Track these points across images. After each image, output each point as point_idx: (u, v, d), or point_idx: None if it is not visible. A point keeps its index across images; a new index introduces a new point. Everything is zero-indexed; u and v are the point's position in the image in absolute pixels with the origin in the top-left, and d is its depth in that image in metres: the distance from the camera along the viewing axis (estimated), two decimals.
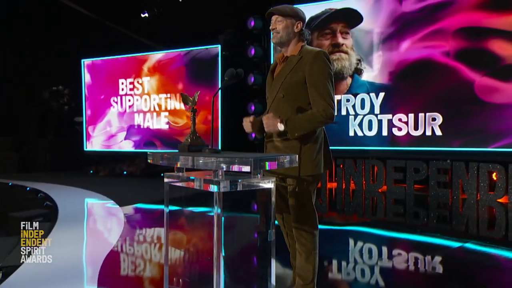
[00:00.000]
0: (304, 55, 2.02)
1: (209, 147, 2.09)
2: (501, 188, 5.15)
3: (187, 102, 2.15)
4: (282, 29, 2.05)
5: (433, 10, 5.77)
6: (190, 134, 2.11)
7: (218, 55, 7.70)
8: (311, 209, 2.08)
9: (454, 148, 5.64)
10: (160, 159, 2.09)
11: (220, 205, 1.68)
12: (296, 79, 2.00)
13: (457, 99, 5.60)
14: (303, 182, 2.04)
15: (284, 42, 2.07)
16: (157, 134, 8.45)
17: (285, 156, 1.74)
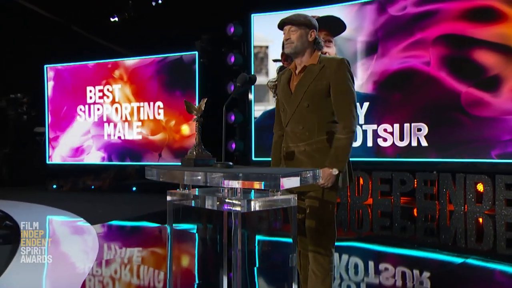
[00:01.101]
0: (325, 63, 2.04)
1: (213, 160, 1.97)
2: (489, 200, 5.23)
3: (191, 110, 1.99)
4: (297, 39, 2.04)
5: (417, 20, 5.88)
6: (195, 147, 1.95)
7: (195, 62, 7.53)
8: (332, 228, 2.02)
9: (440, 159, 5.72)
10: (161, 176, 1.92)
11: (240, 227, 1.53)
12: (321, 87, 2.00)
13: (443, 109, 5.70)
14: (327, 196, 1.98)
15: (298, 52, 2.06)
16: (129, 145, 8.13)
17: (309, 171, 1.62)
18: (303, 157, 2.04)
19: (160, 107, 7.84)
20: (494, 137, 5.31)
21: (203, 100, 1.97)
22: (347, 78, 2.00)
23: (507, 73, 5.24)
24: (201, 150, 1.97)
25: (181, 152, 7.62)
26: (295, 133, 2.07)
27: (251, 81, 1.99)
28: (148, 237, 4.76)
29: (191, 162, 1.92)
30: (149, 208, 6.18)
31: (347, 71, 2.01)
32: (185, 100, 2.04)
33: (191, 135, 7.57)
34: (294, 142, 2.07)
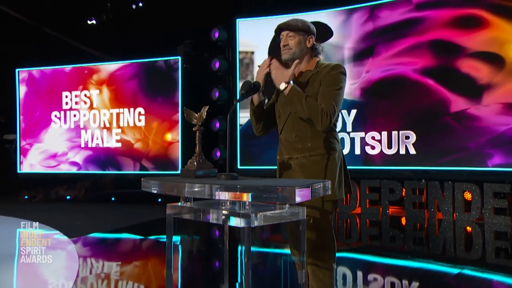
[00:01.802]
0: (320, 69, 2.04)
1: (214, 171, 1.92)
2: (477, 208, 5.32)
3: (191, 118, 1.94)
4: (295, 45, 2.05)
5: (405, 27, 5.98)
6: (196, 157, 1.89)
7: (178, 68, 7.44)
8: (332, 240, 1.99)
9: (429, 167, 5.79)
10: (159, 187, 1.85)
11: (249, 242, 1.47)
12: (313, 92, 1.99)
13: (431, 117, 5.78)
14: (325, 207, 1.95)
15: (296, 58, 2.05)
16: (107, 153, 7.92)
17: (318, 182, 1.59)
18: (299, 168, 2.00)
19: (141, 113, 7.69)
20: (482, 145, 5.41)
21: (204, 108, 1.93)
22: (337, 78, 1.98)
23: (495, 81, 5.36)
24: (202, 161, 1.92)
25: (162, 160, 7.48)
26: (289, 141, 2.06)
27: (255, 89, 1.95)
28: (133, 250, 4.61)
29: (192, 173, 1.87)
30: (130, 219, 6.01)
31: (340, 73, 2.00)
32: (184, 108, 2.00)
33: (174, 143, 7.45)
34: (289, 152, 2.06)
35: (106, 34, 8.38)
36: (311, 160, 1.99)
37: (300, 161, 2.00)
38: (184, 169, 1.93)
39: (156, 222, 5.94)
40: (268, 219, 1.59)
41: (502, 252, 4.38)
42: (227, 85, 7.06)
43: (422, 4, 5.89)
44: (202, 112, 1.93)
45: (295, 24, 2.07)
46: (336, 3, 6.45)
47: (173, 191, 1.82)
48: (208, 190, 1.64)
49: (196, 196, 1.71)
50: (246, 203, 1.58)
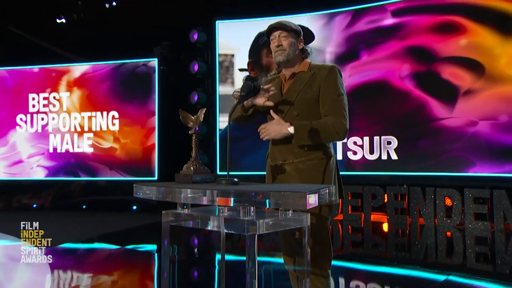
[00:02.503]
0: (316, 70, 2.04)
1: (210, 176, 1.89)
2: (458, 214, 5.45)
3: (187, 121, 1.90)
4: (289, 46, 2.04)
5: (387, 32, 6.11)
6: (192, 161, 1.85)
7: (154, 70, 7.32)
8: (329, 247, 1.98)
9: (410, 172, 5.90)
10: (156, 193, 1.81)
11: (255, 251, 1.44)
12: (311, 95, 1.99)
13: (412, 123, 5.91)
14: (323, 213, 1.94)
15: (291, 59, 2.05)
16: (78, 158, 7.69)
17: (324, 188, 1.58)
18: (295, 173, 1.99)
19: (115, 117, 7.52)
20: (463, 150, 5.56)
21: (201, 111, 1.90)
22: (338, 83, 2.00)
23: (475, 87, 5.52)
24: (198, 165, 1.88)
25: (138, 166, 7.33)
26: (284, 145, 2.03)
27: (255, 90, 1.93)
28: (109, 261, 4.47)
29: (188, 178, 1.84)
30: (104, 228, 5.84)
31: (338, 77, 2.02)
32: (180, 110, 1.98)
33: (150, 148, 7.31)
34: (284, 156, 2.03)
35: (77, 33, 8.17)
36: (308, 164, 1.97)
37: (297, 166, 1.98)
38: (179, 174, 1.91)
39: (132, 231, 5.81)
40: (273, 226, 1.58)
41: (486, 258, 4.50)
42: (206, 88, 7.00)
43: (398, 11, 6.02)
44: (199, 114, 1.90)
45: (289, 25, 2.07)
46: (318, 7, 6.52)
47: (169, 197, 1.78)
48: (209, 196, 1.61)
49: (195, 202, 1.68)
50: (251, 209, 1.56)
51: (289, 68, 2.09)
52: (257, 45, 6.66)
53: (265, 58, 6.66)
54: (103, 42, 7.67)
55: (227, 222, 1.61)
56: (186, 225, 1.78)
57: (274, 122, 1.97)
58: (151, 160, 7.26)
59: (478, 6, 5.49)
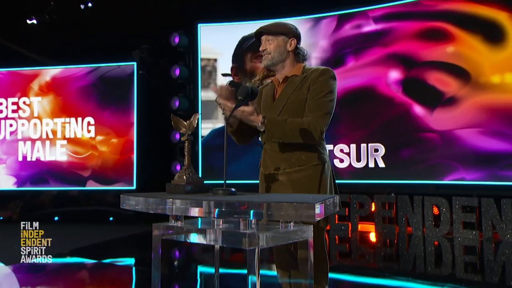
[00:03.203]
0: (308, 74, 2.02)
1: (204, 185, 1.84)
2: (446, 223, 5.50)
3: (179, 127, 1.83)
4: (274, 49, 2.02)
5: (373, 38, 6.17)
6: (184, 170, 1.78)
7: (133, 74, 7.18)
8: (325, 260, 1.95)
9: (398, 180, 5.94)
10: (144, 204, 1.72)
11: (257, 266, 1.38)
12: (301, 97, 1.97)
13: (399, 130, 5.95)
14: (319, 224, 1.91)
15: (277, 63, 2.04)
16: (50, 167, 7.43)
17: (329, 198, 1.53)
18: (288, 182, 1.95)
19: (91, 123, 7.31)
20: (450, 158, 5.63)
21: (194, 116, 1.83)
22: (327, 84, 1.97)
23: (461, 94, 5.61)
24: (191, 174, 1.81)
25: (115, 175, 7.14)
26: (276, 151, 2.00)
27: (253, 94, 1.86)
28: (84, 277, 4.29)
29: (180, 188, 1.76)
30: (78, 241, 5.63)
31: (330, 79, 2.00)
32: (172, 115, 1.90)
33: (128, 156, 7.13)
34: (276, 164, 2.00)
35: (50, 35, 7.95)
36: (302, 173, 1.94)
37: (290, 174, 1.96)
38: (171, 184, 1.84)
39: (109, 244, 5.63)
40: (275, 239, 1.52)
41: (475, 268, 4.53)
42: (188, 93, 6.90)
43: (382, 17, 6.11)
44: (192, 120, 1.83)
45: (273, 28, 2.04)
46: (302, 12, 6.54)
47: (160, 208, 1.69)
48: (206, 207, 1.53)
49: (189, 214, 1.60)
50: (252, 221, 1.50)
51: (281, 72, 2.07)
52: (241, 50, 6.62)
53: (249, 63, 6.62)
54: (78, 45, 7.48)
55: (225, 236, 1.53)
56: (179, 239, 1.70)
57: (249, 112, 1.84)
58: (129, 169, 7.08)
59: (465, 13, 5.60)
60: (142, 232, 5.97)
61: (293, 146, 1.96)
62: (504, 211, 5.14)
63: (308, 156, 1.99)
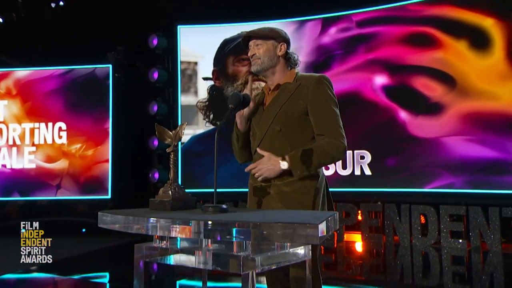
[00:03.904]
0: (302, 81, 1.98)
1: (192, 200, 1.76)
2: (434, 232, 5.51)
3: (164, 138, 1.73)
4: (263, 54, 1.99)
5: (357, 42, 6.17)
6: (169, 184, 1.69)
7: (108, 77, 6.99)
8: (319, 277, 1.91)
9: (385, 188, 5.93)
10: (123, 223, 1.60)
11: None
12: (296, 108, 1.93)
13: (386, 136, 5.95)
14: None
15: (266, 68, 2.01)
16: (17, 175, 7.14)
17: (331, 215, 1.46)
18: (278, 196, 1.90)
19: (62, 129, 7.07)
20: (438, 166, 5.65)
21: (181, 126, 1.74)
22: (326, 97, 1.95)
23: (446, 101, 5.66)
24: (177, 189, 1.71)
25: (88, 184, 6.92)
26: None
27: (245, 102, 1.83)
28: None
29: (165, 205, 1.65)
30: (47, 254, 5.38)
31: (328, 89, 1.96)
32: (156, 124, 1.81)
33: (102, 163, 6.92)
34: (268, 180, 1.94)
35: (18, 35, 7.69)
36: (293, 185, 1.89)
37: (280, 187, 1.91)
38: (155, 200, 1.72)
39: (81, 257, 5.43)
40: (272, 261, 1.45)
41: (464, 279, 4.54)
42: (167, 98, 6.77)
43: (366, 21, 6.13)
44: (178, 130, 1.75)
45: (262, 32, 2.01)
46: (284, 14, 6.50)
47: (141, 228, 1.58)
48: (195, 227, 1.43)
49: (176, 235, 1.50)
50: (247, 243, 1.41)
51: (272, 78, 2.04)
52: (223, 53, 6.53)
53: (231, 66, 6.53)
54: (49, 45, 7.24)
55: (216, 258, 1.44)
56: (163, 261, 1.60)
57: (265, 160, 1.89)
58: (104, 177, 6.87)
59: (451, 19, 5.65)
60: (117, 244, 5.78)
61: (280, 156, 1.89)
62: (491, 220, 5.19)
63: None
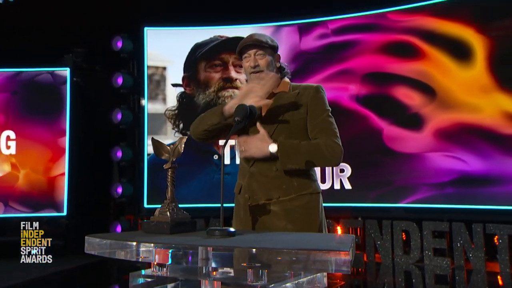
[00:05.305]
0: (300, 90, 2.04)
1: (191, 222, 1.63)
2: (416, 249, 5.56)
3: (161, 153, 1.62)
4: (266, 66, 2.02)
5: (336, 50, 6.21)
6: (168, 204, 1.57)
7: (65, 81, 6.68)
8: None
9: (365, 204, 5.95)
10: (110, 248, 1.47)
11: None
12: (298, 116, 1.98)
13: (366, 149, 5.97)
14: None
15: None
16: None
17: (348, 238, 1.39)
18: (284, 214, 1.87)
19: (11, 138, 6.67)
20: (418, 179, 5.72)
21: (180, 140, 1.63)
22: (326, 102, 2.05)
23: (426, 112, 5.74)
24: (176, 209, 1.59)
25: (40, 200, 6.54)
26: (267, 177, 1.92)
27: (252, 115, 1.80)
28: None
29: (164, 227, 1.53)
30: None
31: (325, 96, 2.08)
32: (152, 138, 1.73)
33: (57, 177, 6.57)
34: (267, 192, 1.91)
35: None
36: (297, 201, 1.90)
37: (285, 204, 1.89)
38: (150, 222, 1.60)
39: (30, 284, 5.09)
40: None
41: None
42: (132, 105, 6.55)
43: (345, 28, 6.20)
44: (177, 144, 1.64)
45: (264, 41, 2.02)
46: (256, 19, 6.47)
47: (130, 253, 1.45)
48: (203, 253, 1.32)
49: (180, 262, 1.37)
50: (261, 272, 1.31)
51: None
52: (194, 58, 6.41)
53: (203, 72, 6.41)
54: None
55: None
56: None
57: (258, 137, 1.87)
58: (58, 192, 6.52)
59: (431, 29, 5.77)
60: (75, 267, 5.49)
61: (289, 171, 1.89)
62: (475, 237, 5.27)
63: (300, 182, 1.94)
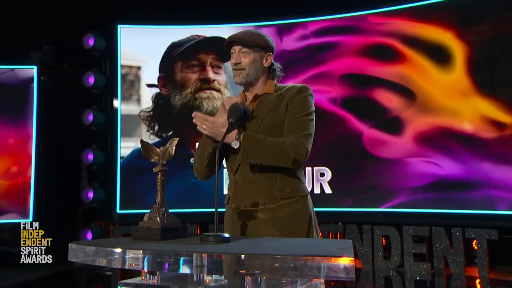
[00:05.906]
0: (284, 91, 2.02)
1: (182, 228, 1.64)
2: (397, 254, 5.61)
3: (151, 155, 1.57)
4: (249, 64, 1.98)
5: (316, 52, 6.23)
6: (157, 209, 1.54)
7: (32, 81, 6.49)
8: None
9: (346, 208, 5.98)
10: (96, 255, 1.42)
11: None
12: (278, 118, 1.95)
13: (346, 152, 6.02)
14: None
15: (251, 81, 2.01)
16: None
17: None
18: (271, 221, 1.87)
19: None
20: (398, 183, 5.78)
21: (171, 142, 1.59)
22: (307, 103, 1.97)
23: (406, 116, 5.80)
24: (166, 214, 1.55)
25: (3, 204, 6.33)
26: (251, 183, 1.90)
27: (246, 116, 1.78)
28: None
29: (154, 233, 1.49)
30: None
31: (310, 97, 2.00)
32: (141, 140, 1.69)
33: (22, 180, 6.36)
34: (252, 197, 1.90)
35: None
36: (286, 208, 1.89)
37: (273, 211, 1.88)
38: (139, 228, 1.56)
39: None
40: None
41: None
42: (105, 106, 6.42)
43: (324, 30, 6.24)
44: (168, 146, 1.59)
45: (251, 38, 1.97)
46: (238, 18, 6.45)
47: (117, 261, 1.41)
48: (197, 260, 1.28)
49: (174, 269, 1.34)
50: (260, 280, 1.28)
51: (251, 89, 2.04)
52: (170, 57, 6.33)
53: (179, 73, 6.34)
54: None
55: None
56: None
57: (221, 122, 1.81)
58: (24, 196, 6.32)
59: (411, 33, 5.85)
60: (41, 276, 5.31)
61: (273, 175, 1.89)
62: (455, 242, 5.36)
63: (292, 187, 1.93)
